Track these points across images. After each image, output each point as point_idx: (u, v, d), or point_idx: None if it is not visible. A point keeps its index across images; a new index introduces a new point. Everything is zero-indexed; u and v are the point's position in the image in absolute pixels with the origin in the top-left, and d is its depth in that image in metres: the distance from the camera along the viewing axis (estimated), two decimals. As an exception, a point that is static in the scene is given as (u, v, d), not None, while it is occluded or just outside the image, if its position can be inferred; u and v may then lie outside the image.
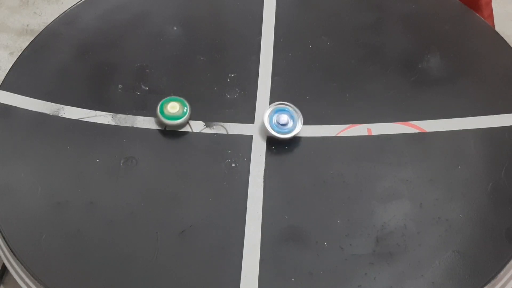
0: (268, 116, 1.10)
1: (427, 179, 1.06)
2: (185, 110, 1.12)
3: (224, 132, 1.13)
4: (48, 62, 1.25)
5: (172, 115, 1.11)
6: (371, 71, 1.22)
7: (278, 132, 1.09)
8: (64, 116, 1.16)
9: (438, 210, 1.02)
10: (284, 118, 1.10)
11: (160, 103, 1.13)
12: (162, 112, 1.11)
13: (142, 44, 1.28)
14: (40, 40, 1.30)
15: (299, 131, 1.10)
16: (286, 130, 1.10)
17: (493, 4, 1.42)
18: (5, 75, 1.23)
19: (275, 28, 1.29)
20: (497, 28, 1.39)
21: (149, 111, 1.16)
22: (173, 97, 1.14)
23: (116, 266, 0.98)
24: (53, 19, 1.34)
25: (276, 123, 1.10)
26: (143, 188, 1.06)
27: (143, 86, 1.20)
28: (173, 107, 1.12)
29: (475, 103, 1.16)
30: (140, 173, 1.08)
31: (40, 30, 1.32)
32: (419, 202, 1.03)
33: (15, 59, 1.26)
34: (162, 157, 1.11)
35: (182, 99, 1.13)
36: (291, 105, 1.12)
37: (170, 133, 1.13)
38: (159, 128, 1.13)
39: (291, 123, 1.10)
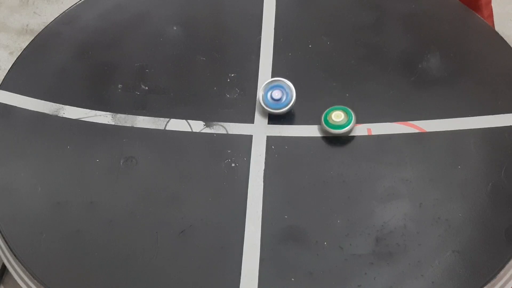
0: (263, 93, 1.12)
1: (427, 179, 1.06)
2: (349, 119, 1.09)
3: (224, 132, 1.13)
4: (48, 62, 1.25)
5: (336, 124, 1.09)
6: (371, 71, 1.22)
7: (274, 108, 1.11)
8: (64, 116, 1.16)
9: (437, 210, 1.02)
10: (277, 93, 1.11)
11: (324, 113, 1.10)
12: (326, 121, 1.09)
13: (142, 44, 1.28)
14: (40, 40, 1.30)
15: (293, 104, 1.12)
16: (282, 105, 1.11)
17: (493, 4, 1.42)
18: (5, 75, 1.23)
19: (275, 28, 1.29)
20: (497, 28, 1.39)
21: (149, 111, 1.16)
22: (336, 106, 1.11)
23: (116, 266, 0.98)
24: (53, 19, 1.34)
25: (271, 99, 1.12)
26: (143, 188, 1.06)
27: (143, 86, 1.20)
28: (338, 116, 1.09)
29: (475, 103, 1.16)
30: (140, 173, 1.08)
31: (40, 30, 1.33)
32: (419, 202, 1.03)
33: (15, 59, 1.26)
34: (162, 157, 1.11)
35: (346, 107, 1.10)
36: (285, 80, 1.13)
37: (170, 133, 1.13)
38: (159, 128, 1.13)
39: (285, 98, 1.11)
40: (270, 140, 1.11)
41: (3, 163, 1.10)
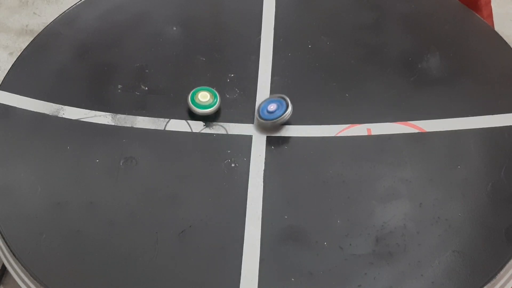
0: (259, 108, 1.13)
1: (427, 179, 1.06)
2: (215, 100, 1.13)
3: (224, 132, 1.13)
4: (47, 62, 1.25)
5: (203, 104, 1.12)
6: (371, 71, 1.22)
7: (267, 119, 1.11)
8: (64, 116, 1.16)
9: (437, 210, 1.02)
10: (272, 106, 1.12)
11: (191, 93, 1.13)
12: (193, 101, 1.12)
13: (142, 44, 1.28)
14: (39, 40, 1.30)
15: (288, 116, 1.11)
16: (275, 116, 1.11)
17: (492, 4, 1.42)
18: (4, 75, 1.23)
19: (274, 28, 1.29)
20: (496, 28, 1.39)
21: (149, 111, 1.16)
22: (202, 87, 1.15)
23: (116, 266, 0.98)
24: (53, 19, 1.34)
25: (267, 112, 1.12)
26: (143, 188, 1.06)
27: (142, 86, 1.20)
28: (204, 96, 1.12)
29: (475, 103, 1.16)
30: (140, 173, 1.08)
31: (40, 30, 1.33)
32: (419, 202, 1.03)
33: (15, 59, 1.26)
34: (162, 157, 1.11)
35: (211, 88, 1.14)
36: (284, 96, 1.13)
37: (170, 133, 1.13)
38: (159, 128, 1.14)
39: (279, 110, 1.11)
40: (270, 140, 1.11)
41: (3, 163, 1.10)
